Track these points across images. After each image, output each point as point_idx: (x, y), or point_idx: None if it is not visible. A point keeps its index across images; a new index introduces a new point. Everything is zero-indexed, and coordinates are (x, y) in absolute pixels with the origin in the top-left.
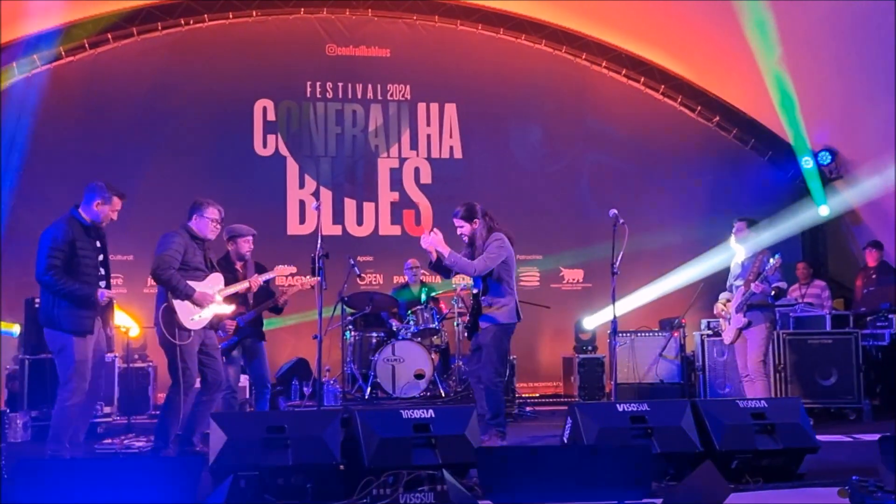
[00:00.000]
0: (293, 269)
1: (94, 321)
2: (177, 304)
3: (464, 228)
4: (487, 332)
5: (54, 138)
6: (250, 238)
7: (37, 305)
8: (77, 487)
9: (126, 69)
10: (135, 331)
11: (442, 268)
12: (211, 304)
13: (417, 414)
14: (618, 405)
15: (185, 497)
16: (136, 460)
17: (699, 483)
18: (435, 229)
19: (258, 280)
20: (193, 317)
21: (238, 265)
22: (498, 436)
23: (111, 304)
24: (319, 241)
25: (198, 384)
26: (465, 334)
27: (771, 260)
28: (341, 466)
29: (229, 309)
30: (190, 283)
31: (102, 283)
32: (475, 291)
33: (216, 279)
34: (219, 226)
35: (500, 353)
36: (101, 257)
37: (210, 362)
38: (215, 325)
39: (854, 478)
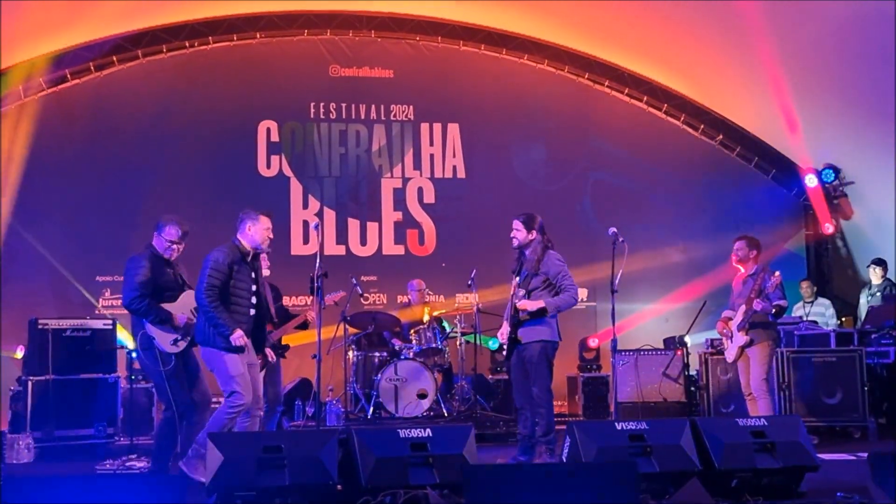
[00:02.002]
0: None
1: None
2: (154, 330)
3: (519, 233)
4: (534, 348)
5: (59, 159)
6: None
7: (40, 327)
8: None
9: (131, 91)
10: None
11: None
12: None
13: (415, 433)
14: (616, 424)
15: None
16: (133, 480)
17: (686, 499)
18: (520, 299)
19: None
20: (171, 341)
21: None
22: (548, 452)
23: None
24: (318, 261)
25: None
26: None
27: (771, 277)
28: (338, 486)
29: None
30: (163, 305)
31: (252, 311)
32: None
33: (189, 296)
34: (176, 247)
35: (550, 369)
36: (254, 287)
37: (197, 383)
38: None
39: (839, 494)
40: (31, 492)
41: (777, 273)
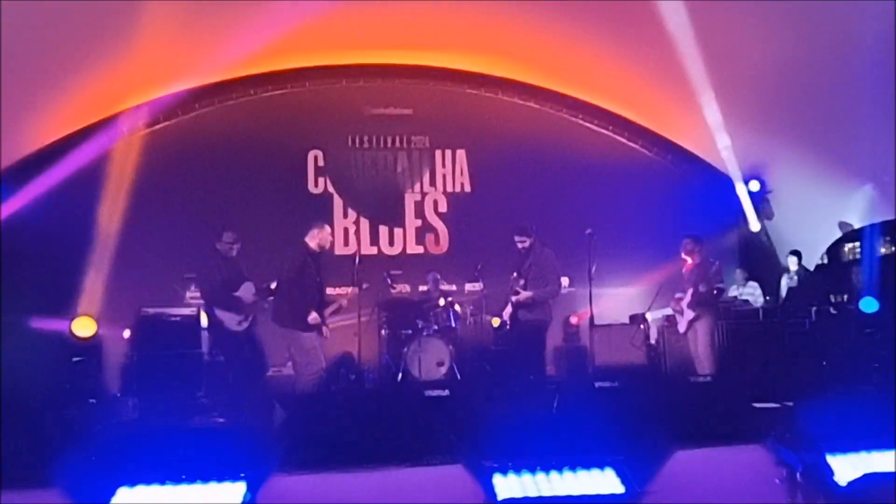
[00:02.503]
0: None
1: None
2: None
3: (526, 243)
4: (531, 325)
5: (157, 184)
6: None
7: (143, 313)
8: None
9: (209, 130)
10: None
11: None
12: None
13: (436, 393)
14: (595, 383)
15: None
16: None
17: (654, 441)
18: (521, 294)
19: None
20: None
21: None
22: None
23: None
24: (357, 259)
25: None
26: (507, 326)
27: (712, 267)
28: (376, 435)
29: None
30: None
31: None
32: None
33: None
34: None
35: (544, 342)
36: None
37: None
38: None
39: (773, 432)
40: (142, 444)
41: (717, 262)
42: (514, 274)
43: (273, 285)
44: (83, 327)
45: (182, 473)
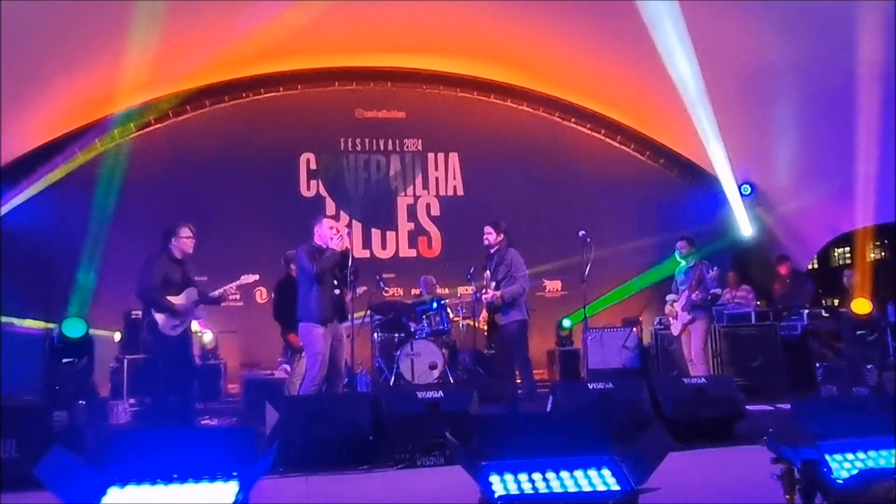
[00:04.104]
0: (256, 278)
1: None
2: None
3: (490, 236)
4: (511, 327)
5: (146, 186)
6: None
7: (133, 317)
8: (158, 454)
9: (201, 132)
10: (209, 336)
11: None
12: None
13: (430, 395)
14: (589, 384)
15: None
16: (207, 433)
17: (650, 442)
18: (488, 293)
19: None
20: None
21: None
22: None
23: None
24: (351, 261)
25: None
26: (485, 331)
27: (710, 272)
28: (370, 437)
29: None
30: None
31: (337, 292)
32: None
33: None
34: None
35: (526, 342)
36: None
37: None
38: None
39: (770, 430)
40: (132, 444)
41: (715, 268)
42: (486, 272)
43: (217, 293)
44: (73, 328)
45: (173, 473)
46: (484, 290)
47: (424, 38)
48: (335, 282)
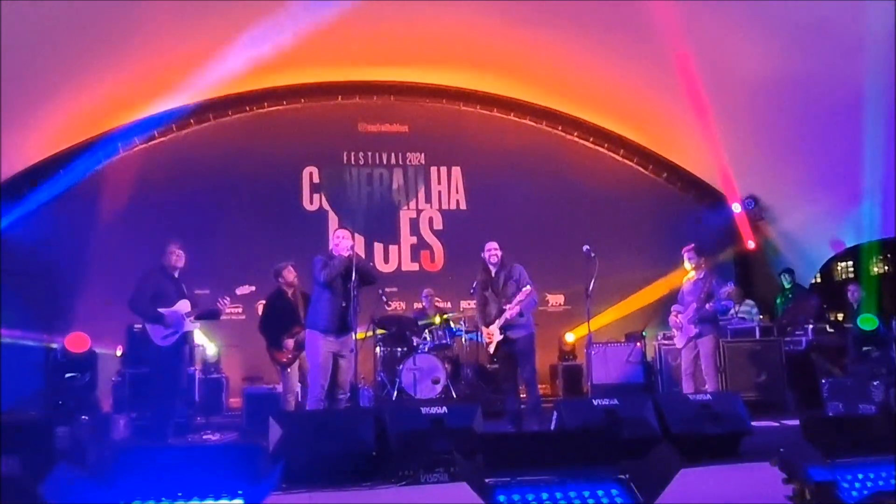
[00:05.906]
0: (252, 288)
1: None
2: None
3: (499, 252)
4: (523, 341)
5: (150, 199)
6: (290, 267)
7: (135, 330)
8: (163, 471)
9: (205, 146)
10: (212, 349)
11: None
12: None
13: (434, 410)
14: (594, 401)
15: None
16: (209, 450)
17: (657, 459)
18: (514, 309)
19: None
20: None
21: (289, 293)
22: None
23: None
24: (354, 274)
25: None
26: (492, 346)
27: (722, 287)
28: (374, 452)
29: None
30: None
31: (343, 304)
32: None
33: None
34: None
35: (534, 355)
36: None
37: None
38: None
39: (781, 449)
40: (138, 461)
41: (730, 284)
42: (489, 291)
43: (212, 306)
44: (77, 343)
45: (178, 490)
46: (498, 310)
47: (427, 52)
48: (344, 292)
